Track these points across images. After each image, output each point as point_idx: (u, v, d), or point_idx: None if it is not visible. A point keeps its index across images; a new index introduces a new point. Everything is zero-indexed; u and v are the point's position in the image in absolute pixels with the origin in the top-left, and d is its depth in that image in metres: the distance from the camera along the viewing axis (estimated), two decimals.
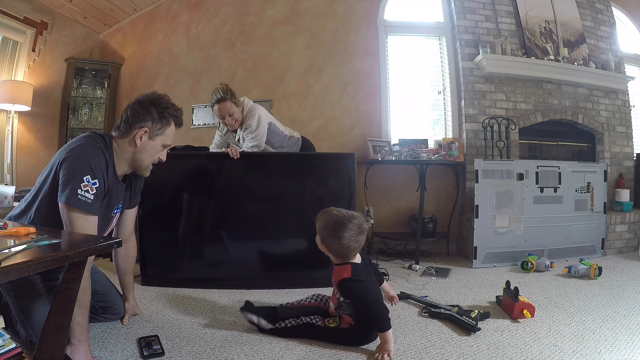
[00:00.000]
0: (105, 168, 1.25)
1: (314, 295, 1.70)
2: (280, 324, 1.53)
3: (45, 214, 1.23)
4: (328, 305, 1.61)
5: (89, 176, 1.18)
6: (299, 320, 1.52)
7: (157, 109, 1.34)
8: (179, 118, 1.42)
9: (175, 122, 1.40)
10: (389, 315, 1.38)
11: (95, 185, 1.19)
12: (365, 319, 1.42)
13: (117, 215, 1.47)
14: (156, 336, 1.45)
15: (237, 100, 2.29)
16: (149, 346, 1.37)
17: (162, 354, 1.34)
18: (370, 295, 1.43)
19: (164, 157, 1.43)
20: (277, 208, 2.25)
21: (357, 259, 1.53)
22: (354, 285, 1.44)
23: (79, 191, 1.16)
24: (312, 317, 1.52)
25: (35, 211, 1.24)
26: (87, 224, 1.19)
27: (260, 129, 2.30)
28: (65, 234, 1.08)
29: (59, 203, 1.18)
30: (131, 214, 1.62)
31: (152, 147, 1.36)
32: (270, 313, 1.58)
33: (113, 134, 1.36)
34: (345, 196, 2.22)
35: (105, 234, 1.43)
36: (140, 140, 1.33)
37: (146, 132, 1.32)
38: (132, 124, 1.32)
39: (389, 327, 1.36)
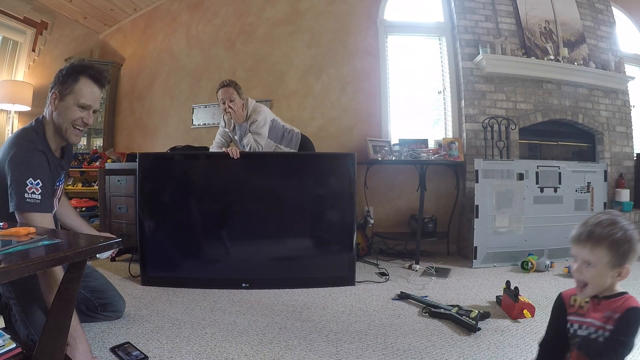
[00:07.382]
0: (45, 161, 1.29)
1: None
2: None
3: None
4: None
5: (30, 178, 1.22)
6: None
7: (66, 70, 1.34)
8: (90, 72, 1.35)
9: (89, 77, 1.34)
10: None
11: (39, 185, 1.24)
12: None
13: (61, 186, 1.50)
14: (128, 342, 1.41)
15: (241, 92, 2.41)
16: (128, 354, 1.32)
17: (146, 357, 1.31)
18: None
19: (88, 120, 1.38)
20: (277, 208, 2.25)
21: None
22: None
23: (26, 195, 1.21)
24: None
25: None
26: (43, 221, 1.23)
27: (266, 127, 2.43)
28: (65, 234, 1.08)
29: (14, 211, 1.22)
30: None
31: (63, 108, 1.33)
32: None
33: (43, 114, 1.38)
34: (346, 196, 2.22)
35: (55, 207, 1.45)
36: (54, 104, 1.34)
37: (56, 95, 1.33)
38: (48, 93, 1.35)
39: None
